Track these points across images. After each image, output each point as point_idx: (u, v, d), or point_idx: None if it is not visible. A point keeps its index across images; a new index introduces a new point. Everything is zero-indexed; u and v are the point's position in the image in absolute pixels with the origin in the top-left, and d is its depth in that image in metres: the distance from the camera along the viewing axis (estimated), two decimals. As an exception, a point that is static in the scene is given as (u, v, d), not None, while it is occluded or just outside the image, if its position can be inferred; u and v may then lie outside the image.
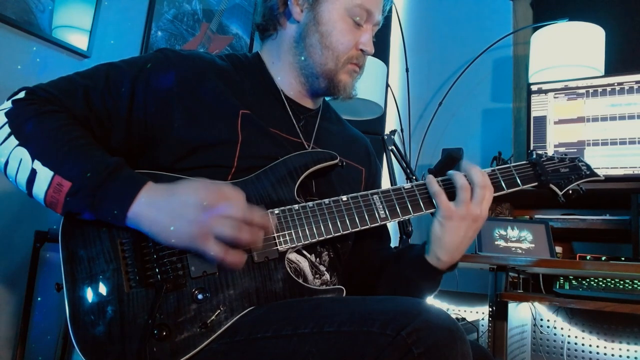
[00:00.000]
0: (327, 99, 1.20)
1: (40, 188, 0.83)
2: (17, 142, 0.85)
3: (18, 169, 0.84)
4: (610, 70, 2.31)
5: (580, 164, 1.12)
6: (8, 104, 0.89)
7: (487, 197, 0.96)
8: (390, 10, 1.14)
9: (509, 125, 2.72)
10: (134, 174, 0.86)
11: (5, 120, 0.87)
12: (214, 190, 0.82)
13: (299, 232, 0.92)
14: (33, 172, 0.83)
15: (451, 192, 0.98)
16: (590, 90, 2.14)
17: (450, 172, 0.98)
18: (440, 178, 1.00)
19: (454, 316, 0.81)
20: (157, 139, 0.96)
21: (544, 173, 1.07)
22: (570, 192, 1.09)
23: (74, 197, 0.82)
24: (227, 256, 0.81)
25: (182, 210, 0.81)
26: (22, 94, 0.90)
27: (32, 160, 0.83)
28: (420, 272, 1.01)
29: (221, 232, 0.79)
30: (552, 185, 1.08)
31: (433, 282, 1.03)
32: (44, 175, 0.82)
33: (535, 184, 1.07)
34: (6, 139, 0.85)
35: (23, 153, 0.84)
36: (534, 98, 2.25)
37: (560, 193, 1.08)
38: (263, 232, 0.84)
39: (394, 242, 1.34)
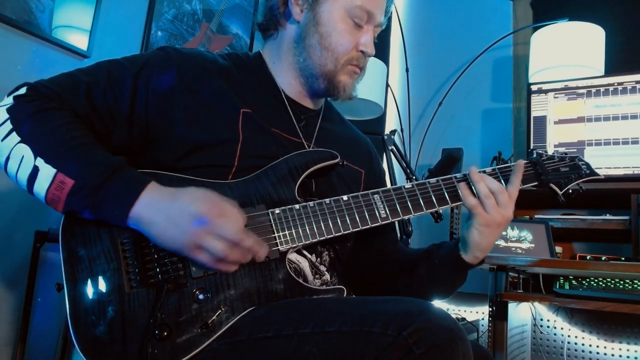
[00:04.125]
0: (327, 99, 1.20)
1: (41, 185, 0.83)
2: (19, 138, 0.84)
3: (19, 165, 0.84)
4: (610, 70, 2.31)
5: (580, 162, 1.12)
6: (9, 100, 0.88)
7: (513, 197, 0.99)
8: (390, 11, 1.13)
9: (509, 125, 2.72)
10: (137, 174, 0.86)
11: (7, 116, 0.86)
12: (215, 205, 0.82)
13: (300, 231, 0.92)
14: (35, 170, 0.83)
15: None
16: (590, 90, 2.14)
17: (472, 175, 0.99)
18: (456, 179, 1.00)
19: (454, 316, 0.81)
20: (157, 138, 0.96)
21: (544, 172, 1.07)
22: (570, 191, 1.09)
23: (75, 196, 0.82)
24: (216, 265, 0.83)
25: (179, 218, 0.81)
26: (23, 90, 0.89)
27: (35, 158, 0.83)
28: (458, 271, 1.04)
29: (211, 249, 0.80)
30: (552, 185, 1.08)
31: (464, 278, 1.07)
32: (47, 172, 0.82)
33: (536, 183, 1.08)
34: (7, 135, 0.85)
35: (25, 150, 0.84)
36: (534, 98, 2.25)
37: (560, 192, 1.09)
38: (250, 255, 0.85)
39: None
